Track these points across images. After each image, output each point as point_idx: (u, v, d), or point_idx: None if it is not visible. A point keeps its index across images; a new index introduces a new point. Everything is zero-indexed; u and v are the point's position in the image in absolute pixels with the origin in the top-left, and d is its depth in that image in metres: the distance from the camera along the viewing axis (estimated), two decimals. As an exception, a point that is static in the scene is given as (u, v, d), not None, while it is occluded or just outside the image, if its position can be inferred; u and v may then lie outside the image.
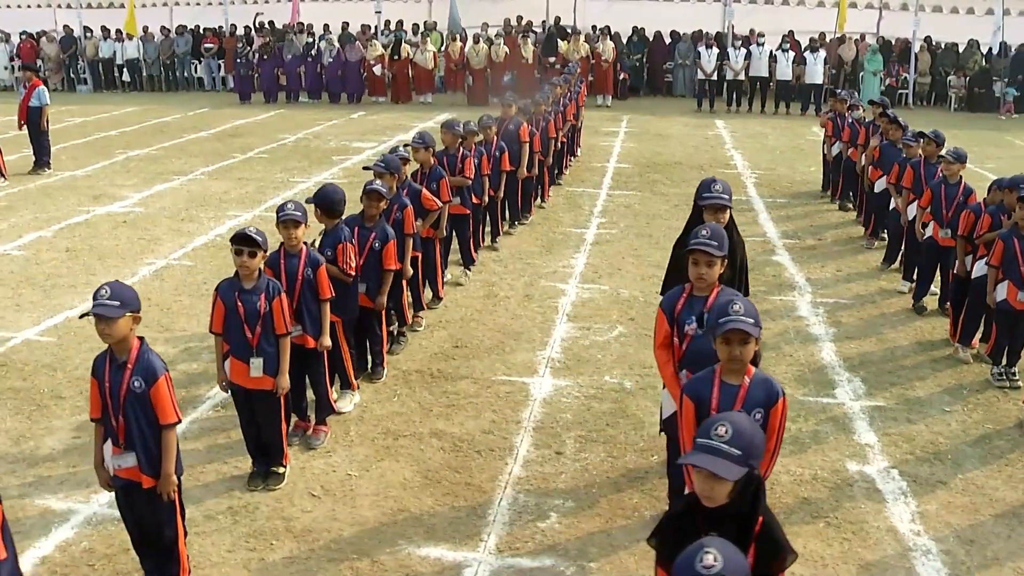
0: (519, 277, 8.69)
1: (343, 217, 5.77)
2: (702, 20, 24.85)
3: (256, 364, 4.76)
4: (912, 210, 8.26)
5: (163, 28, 26.12)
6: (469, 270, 8.62)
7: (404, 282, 6.79)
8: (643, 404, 6.07)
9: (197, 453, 5.42)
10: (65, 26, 26.22)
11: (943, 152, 7.71)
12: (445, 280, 8.18)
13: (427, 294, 7.69)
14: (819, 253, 9.67)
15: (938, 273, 7.91)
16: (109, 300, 3.65)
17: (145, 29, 25.72)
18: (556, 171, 12.69)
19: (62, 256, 9.51)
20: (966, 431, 5.82)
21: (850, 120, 11.11)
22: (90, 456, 5.12)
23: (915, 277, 8.33)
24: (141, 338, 3.83)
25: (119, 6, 29.49)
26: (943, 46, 21.57)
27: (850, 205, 11.35)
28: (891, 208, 9.03)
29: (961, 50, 21.42)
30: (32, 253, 9.64)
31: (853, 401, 6.17)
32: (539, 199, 11.35)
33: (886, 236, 9.72)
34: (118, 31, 25.56)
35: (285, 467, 5.11)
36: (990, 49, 21.22)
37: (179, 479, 4.04)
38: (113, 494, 4.12)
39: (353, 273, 5.71)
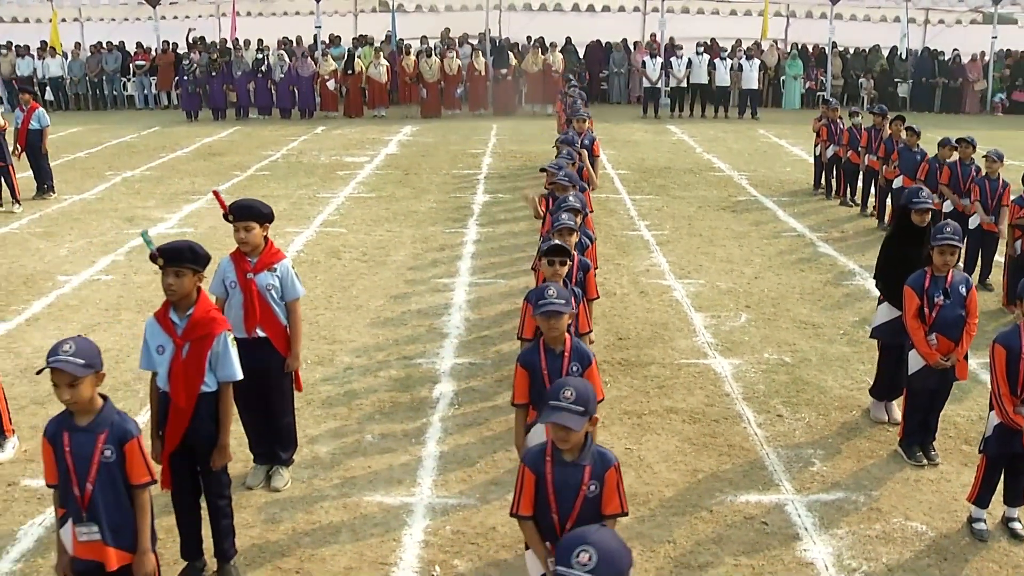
0: (620, 276, 9.68)
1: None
2: (624, 30, 26.55)
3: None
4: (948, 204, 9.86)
5: (78, 44, 25.34)
6: (579, 272, 9.52)
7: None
8: (812, 373, 7.22)
9: (472, 447, 6.11)
10: (-26, 43, 25.01)
11: (985, 153, 9.28)
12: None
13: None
14: (852, 244, 11.11)
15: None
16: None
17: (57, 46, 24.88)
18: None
19: (158, 278, 9.68)
20: (1063, 377, 7.29)
21: (848, 125, 12.71)
22: (369, 456, 5.81)
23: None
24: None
25: (23, 21, 28.32)
26: (852, 51, 24.07)
27: (851, 203, 12.90)
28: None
29: (867, 54, 24.01)
30: (122, 276, 9.77)
31: (973, 360, 7.50)
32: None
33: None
34: (27, 46, 24.60)
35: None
36: (894, 50, 23.84)
37: None
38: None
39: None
